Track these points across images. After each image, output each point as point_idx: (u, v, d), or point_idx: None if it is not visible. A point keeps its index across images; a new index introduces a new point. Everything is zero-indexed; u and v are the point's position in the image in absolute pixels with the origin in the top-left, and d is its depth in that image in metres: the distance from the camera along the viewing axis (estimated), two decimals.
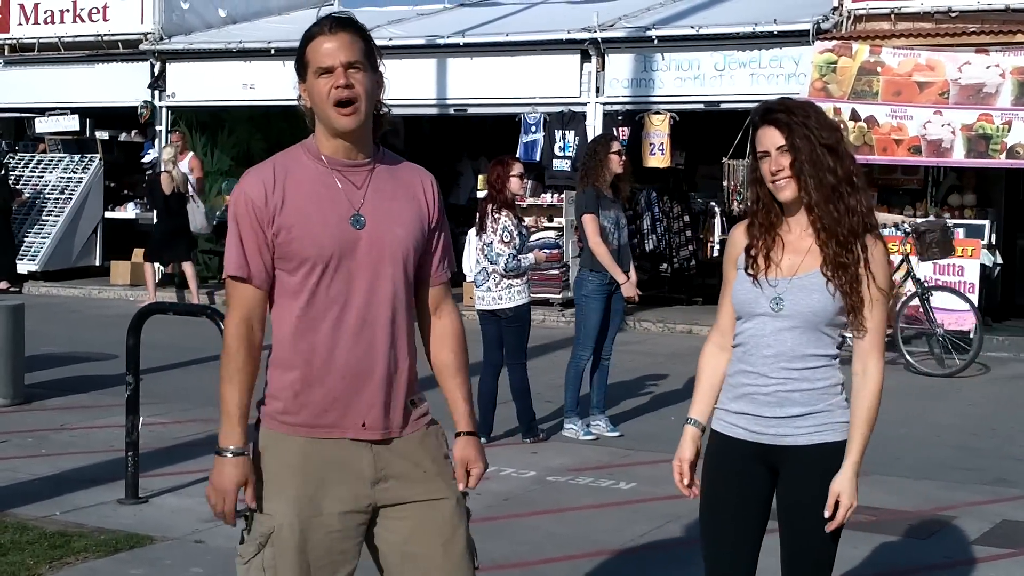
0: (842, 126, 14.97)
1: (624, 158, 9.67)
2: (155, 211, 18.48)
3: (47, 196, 21.36)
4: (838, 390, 3.92)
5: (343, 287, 3.57)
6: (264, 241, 3.58)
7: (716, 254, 17.69)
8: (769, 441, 3.91)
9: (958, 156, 14.95)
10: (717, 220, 18.05)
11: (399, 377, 3.65)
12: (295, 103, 3.71)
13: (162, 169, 18.28)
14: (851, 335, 3.89)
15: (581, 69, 17.98)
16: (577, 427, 9.55)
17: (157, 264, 18.67)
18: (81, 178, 21.36)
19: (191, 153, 19.74)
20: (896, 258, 12.90)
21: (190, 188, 18.52)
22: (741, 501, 3.97)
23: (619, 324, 9.79)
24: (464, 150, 21.88)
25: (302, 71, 3.62)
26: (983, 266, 14.97)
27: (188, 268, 18.20)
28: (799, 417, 3.87)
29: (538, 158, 17.83)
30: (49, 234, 20.89)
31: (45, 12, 21.93)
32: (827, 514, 3.82)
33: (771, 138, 3.86)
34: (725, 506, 3.98)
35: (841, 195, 3.82)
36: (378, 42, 3.70)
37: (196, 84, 20.75)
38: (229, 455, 3.59)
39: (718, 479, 4.00)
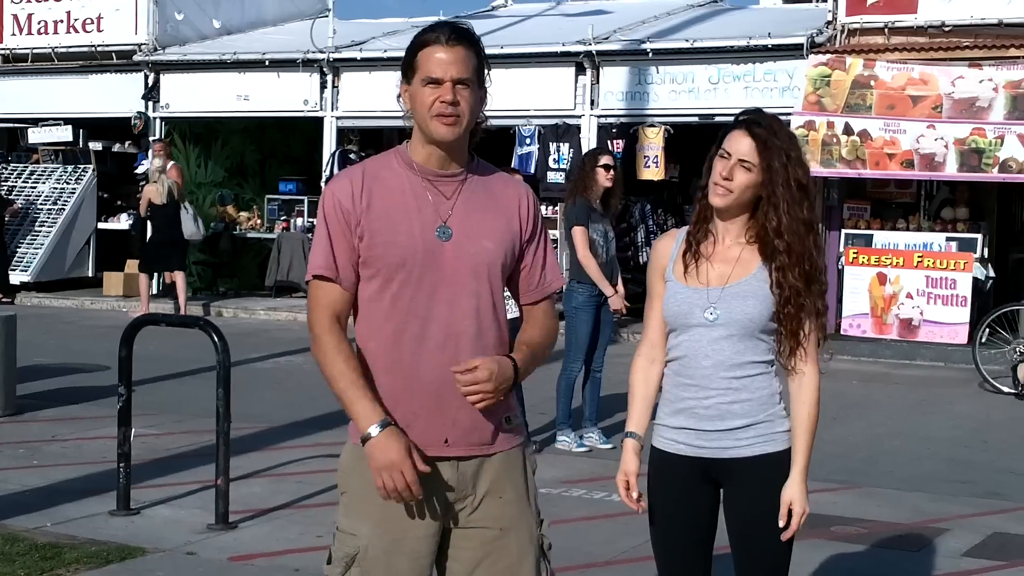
0: (834, 140, 15.02)
1: (612, 172, 9.61)
2: (148, 221, 18.45)
3: (40, 207, 21.34)
4: (777, 399, 3.90)
5: (426, 299, 3.48)
6: (352, 243, 3.50)
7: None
8: (711, 455, 3.89)
9: (951, 170, 14.98)
10: None
11: None
12: (289, 114, 3.68)
13: (152, 180, 18.24)
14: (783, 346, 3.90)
15: (576, 82, 18.02)
16: (569, 439, 9.55)
17: (153, 275, 18.61)
18: (74, 189, 21.34)
19: (172, 162, 19.63)
20: None
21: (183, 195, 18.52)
22: (687, 517, 3.96)
23: (610, 336, 9.79)
24: None
25: (409, 73, 3.54)
26: (975, 279, 15.00)
27: (179, 278, 18.16)
28: (740, 429, 3.86)
29: (532, 170, 17.84)
30: (42, 245, 20.87)
31: (39, 23, 21.93)
32: (781, 523, 3.81)
33: (740, 147, 3.80)
34: (673, 523, 3.97)
35: (805, 233, 3.82)
36: (372, 54, 3.69)
37: (190, 95, 20.75)
38: (377, 432, 3.40)
39: (663, 497, 3.98)
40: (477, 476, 3.56)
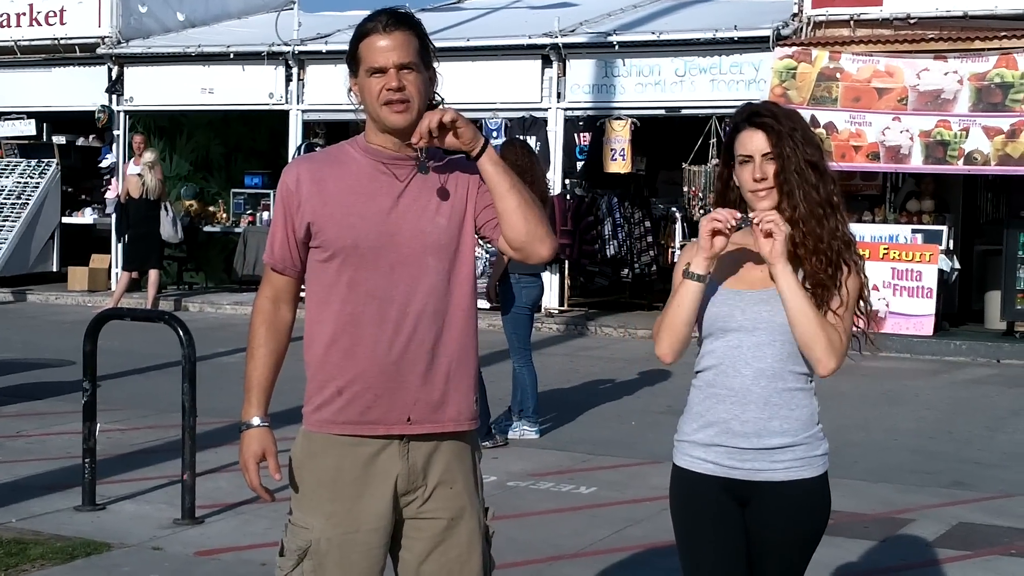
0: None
1: None
2: (126, 216, 18.27)
3: (3, 201, 21.16)
4: (816, 419, 3.71)
5: (384, 280, 3.51)
6: (292, 229, 3.58)
7: (677, 260, 17.76)
8: (742, 476, 3.65)
9: (916, 162, 15.06)
10: (678, 226, 18.10)
11: (449, 371, 3.57)
12: (254, 107, 3.68)
13: (135, 172, 18.13)
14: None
15: (542, 74, 18.02)
16: (528, 428, 9.65)
17: (134, 273, 18.42)
18: (38, 183, 21.19)
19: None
20: None
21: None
22: (723, 543, 3.68)
23: (510, 331, 9.75)
24: None
25: (354, 66, 3.56)
26: (941, 271, 15.09)
27: (153, 275, 18.05)
28: (778, 450, 3.63)
29: None
30: (5, 240, 20.70)
31: (1, 16, 21.74)
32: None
33: (756, 143, 3.63)
34: (708, 551, 3.70)
35: (824, 215, 3.62)
36: (337, 47, 3.68)
37: (154, 88, 20.63)
38: (245, 428, 3.67)
39: (694, 523, 3.72)
40: (428, 467, 3.58)
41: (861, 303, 3.69)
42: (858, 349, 3.81)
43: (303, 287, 3.68)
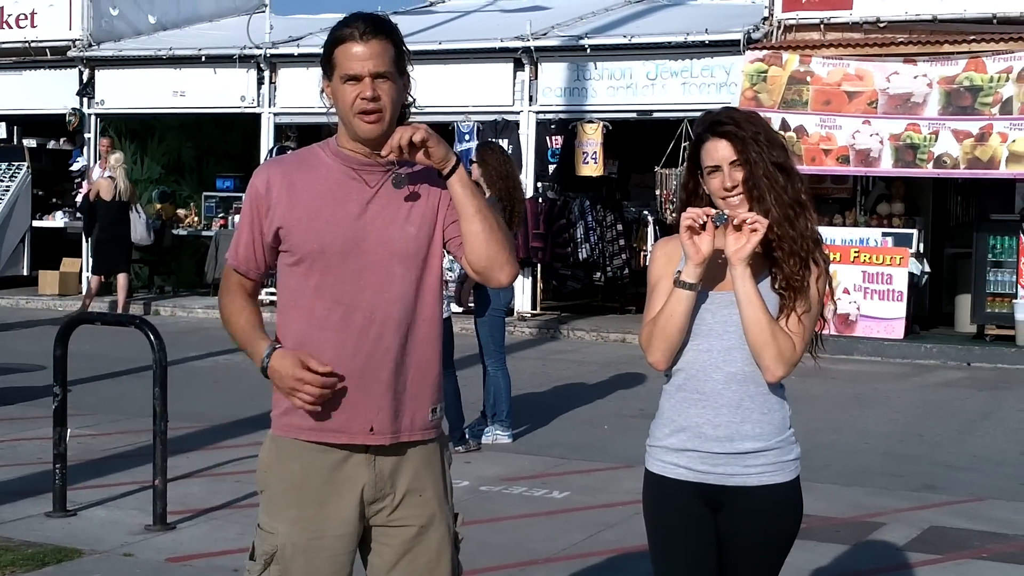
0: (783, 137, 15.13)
1: (474, 165, 9.51)
2: (96, 219, 18.17)
3: None
4: (788, 423, 3.69)
5: (351, 286, 3.50)
6: (260, 232, 3.56)
7: (650, 256, 17.80)
8: (715, 481, 3.63)
9: (886, 165, 15.13)
10: (650, 229, 18.14)
11: (412, 380, 3.56)
12: (226, 110, 3.65)
13: (106, 175, 18.04)
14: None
15: (514, 78, 18.05)
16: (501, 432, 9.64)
17: (101, 276, 18.29)
18: (8, 186, 21.07)
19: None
20: None
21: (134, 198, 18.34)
22: (695, 549, 3.67)
23: (485, 334, 9.74)
24: None
25: (328, 70, 3.53)
26: (911, 274, 15.17)
27: (122, 278, 17.96)
28: (750, 454, 3.62)
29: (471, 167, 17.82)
30: None
31: None
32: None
33: (722, 152, 3.59)
34: (680, 557, 3.68)
35: (795, 215, 3.60)
36: (309, 50, 3.67)
37: (126, 91, 20.55)
38: (268, 360, 3.49)
39: (666, 529, 3.71)
40: (396, 474, 3.57)
41: (824, 305, 3.68)
42: (811, 352, 3.78)
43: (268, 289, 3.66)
